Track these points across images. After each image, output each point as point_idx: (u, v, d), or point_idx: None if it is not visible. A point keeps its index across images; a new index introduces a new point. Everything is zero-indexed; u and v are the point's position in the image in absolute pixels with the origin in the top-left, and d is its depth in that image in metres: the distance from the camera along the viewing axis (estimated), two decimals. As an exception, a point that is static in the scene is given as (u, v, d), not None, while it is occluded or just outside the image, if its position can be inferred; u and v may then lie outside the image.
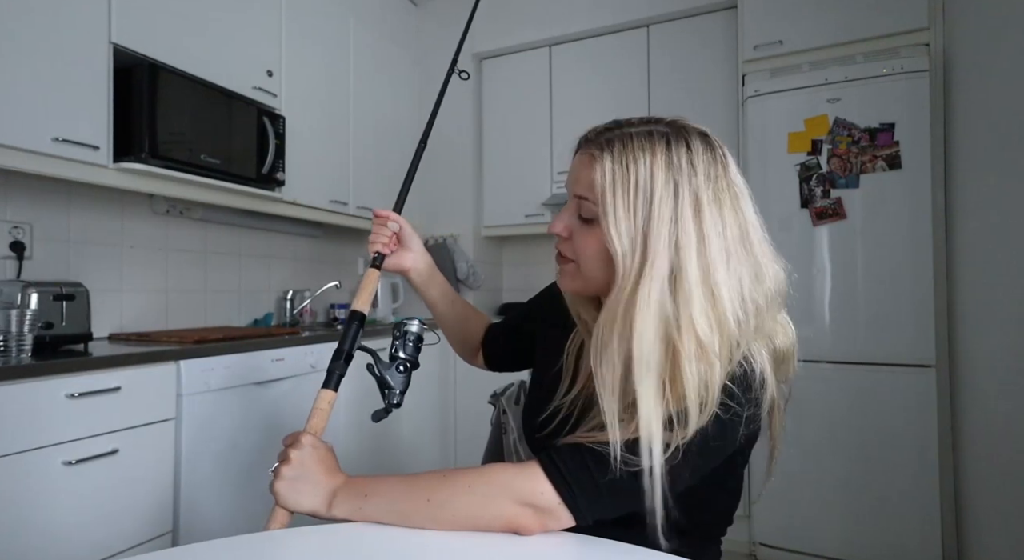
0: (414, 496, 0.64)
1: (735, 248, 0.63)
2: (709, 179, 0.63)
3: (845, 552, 1.98)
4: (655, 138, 0.64)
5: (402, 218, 0.97)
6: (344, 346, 0.82)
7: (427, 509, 0.63)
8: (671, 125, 0.67)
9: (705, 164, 0.64)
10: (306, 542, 0.63)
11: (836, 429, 2.02)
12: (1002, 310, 1.57)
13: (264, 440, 1.74)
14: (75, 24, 1.49)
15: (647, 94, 2.69)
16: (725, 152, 0.67)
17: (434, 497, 0.63)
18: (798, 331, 0.74)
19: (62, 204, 1.76)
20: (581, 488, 0.61)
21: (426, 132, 1.08)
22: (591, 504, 0.61)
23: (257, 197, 2.07)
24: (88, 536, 1.29)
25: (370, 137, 2.69)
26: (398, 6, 2.97)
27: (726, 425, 0.62)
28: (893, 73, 2.01)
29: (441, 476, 0.65)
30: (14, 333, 1.30)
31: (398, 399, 0.84)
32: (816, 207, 2.09)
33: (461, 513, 0.62)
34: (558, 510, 0.61)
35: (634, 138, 0.65)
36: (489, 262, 3.17)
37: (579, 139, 0.73)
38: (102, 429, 1.32)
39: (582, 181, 0.68)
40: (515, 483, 0.62)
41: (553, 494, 0.61)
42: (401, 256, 0.96)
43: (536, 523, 0.61)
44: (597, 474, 0.60)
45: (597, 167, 0.65)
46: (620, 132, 0.67)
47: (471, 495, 0.62)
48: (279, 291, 2.58)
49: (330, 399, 0.79)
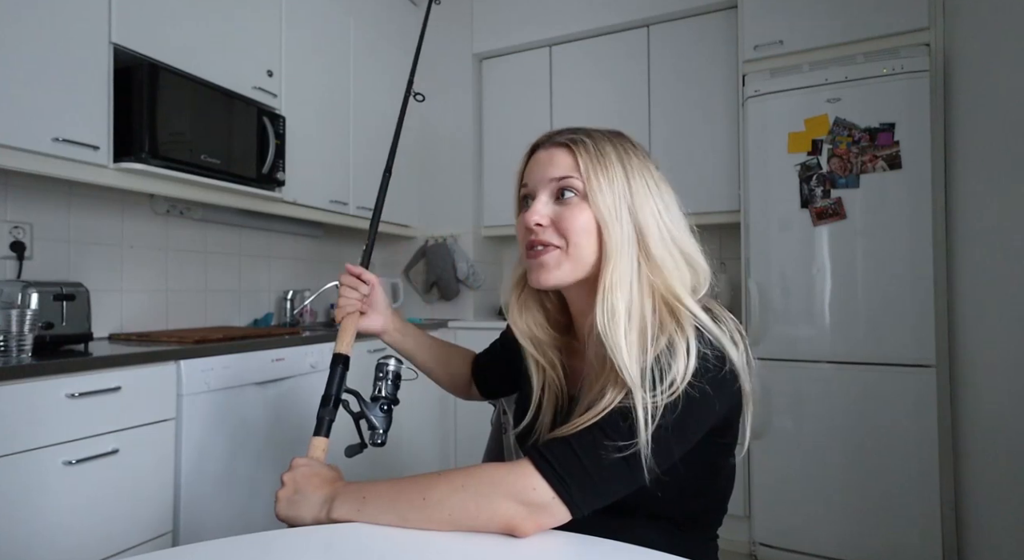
0: (410, 496, 0.65)
1: (681, 220, 0.75)
2: (657, 171, 0.76)
3: (845, 552, 1.98)
4: (606, 135, 0.76)
5: (374, 277, 0.99)
6: (331, 391, 0.85)
7: (423, 508, 0.63)
8: (606, 130, 0.78)
9: (645, 157, 0.77)
10: (306, 542, 0.63)
11: (836, 429, 2.02)
12: (1002, 310, 1.57)
13: (264, 440, 1.74)
14: (75, 24, 1.49)
15: (647, 94, 2.69)
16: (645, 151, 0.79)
17: (429, 496, 0.64)
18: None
19: (62, 204, 1.76)
20: (573, 478, 0.61)
21: (389, 161, 1.12)
22: (584, 493, 0.62)
23: (257, 197, 2.07)
24: (88, 536, 1.29)
25: (370, 137, 2.69)
26: (398, 6, 2.97)
27: (703, 391, 0.64)
28: (893, 73, 2.01)
29: (436, 476, 0.66)
30: (14, 333, 1.30)
31: (382, 438, 0.87)
32: (816, 207, 2.09)
33: (457, 512, 0.62)
34: (553, 505, 0.61)
35: (593, 134, 0.76)
36: (489, 262, 3.17)
37: (533, 144, 0.82)
38: (102, 429, 1.32)
39: (562, 165, 0.75)
40: (507, 480, 0.63)
41: (547, 489, 0.61)
42: (371, 319, 0.99)
43: (531, 522, 0.61)
44: (587, 462, 0.62)
45: (576, 151, 0.74)
46: (582, 132, 0.77)
47: (465, 493, 0.63)
48: (279, 291, 2.59)
49: (323, 446, 0.82)
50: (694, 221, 0.78)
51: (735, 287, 2.54)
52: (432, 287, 3.00)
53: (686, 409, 0.63)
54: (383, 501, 0.66)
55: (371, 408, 0.87)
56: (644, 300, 0.69)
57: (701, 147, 2.55)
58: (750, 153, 2.23)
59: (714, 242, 2.73)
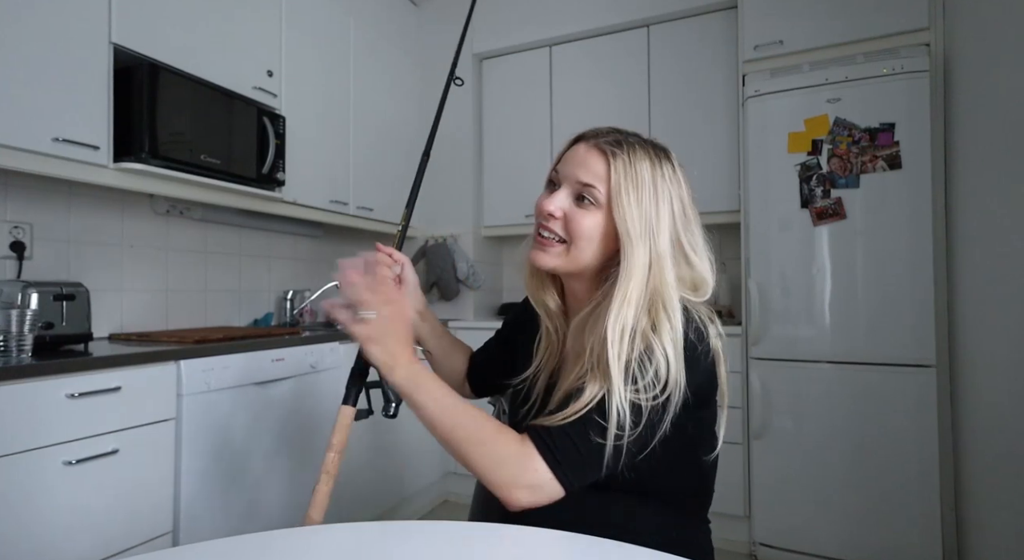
0: (446, 416, 0.74)
1: (702, 239, 0.82)
2: (688, 192, 0.81)
3: (845, 552, 1.98)
4: (649, 150, 0.79)
5: (406, 257, 1.02)
6: (359, 365, 0.89)
7: (449, 433, 0.73)
8: (654, 143, 0.81)
9: (682, 179, 0.80)
10: (306, 542, 0.63)
11: (836, 429, 2.02)
12: (1002, 310, 1.57)
13: (264, 440, 1.74)
14: (75, 24, 1.49)
15: (647, 94, 2.69)
16: (684, 172, 0.83)
17: (457, 431, 0.73)
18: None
19: (62, 204, 1.76)
20: (568, 462, 0.70)
21: (429, 142, 1.14)
22: (576, 472, 0.71)
23: (257, 197, 2.07)
24: (88, 536, 1.29)
25: (370, 137, 2.69)
26: (398, 6, 2.97)
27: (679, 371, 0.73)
28: (893, 73, 2.01)
29: (474, 415, 0.75)
30: (14, 333, 1.30)
31: (395, 411, 0.92)
32: (816, 207, 2.09)
33: (470, 459, 0.72)
34: (550, 485, 0.70)
35: (636, 148, 0.78)
36: (489, 262, 3.17)
37: (577, 135, 0.83)
38: (102, 429, 1.32)
39: (592, 170, 0.78)
40: (514, 458, 0.71)
41: (546, 469, 0.70)
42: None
43: (527, 499, 0.70)
44: (580, 444, 0.71)
45: (611, 163, 0.76)
46: (622, 138, 0.79)
47: (481, 448, 0.72)
48: (279, 291, 2.59)
49: (349, 414, 0.87)
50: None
51: (735, 287, 2.54)
52: (432, 287, 3.00)
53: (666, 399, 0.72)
54: (429, 399, 0.75)
55: (388, 383, 0.89)
56: (646, 310, 0.74)
57: (701, 147, 2.55)
58: (750, 153, 2.23)
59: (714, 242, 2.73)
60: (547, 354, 0.91)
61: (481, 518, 1.00)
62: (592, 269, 0.81)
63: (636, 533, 0.69)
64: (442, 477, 2.78)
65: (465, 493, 2.73)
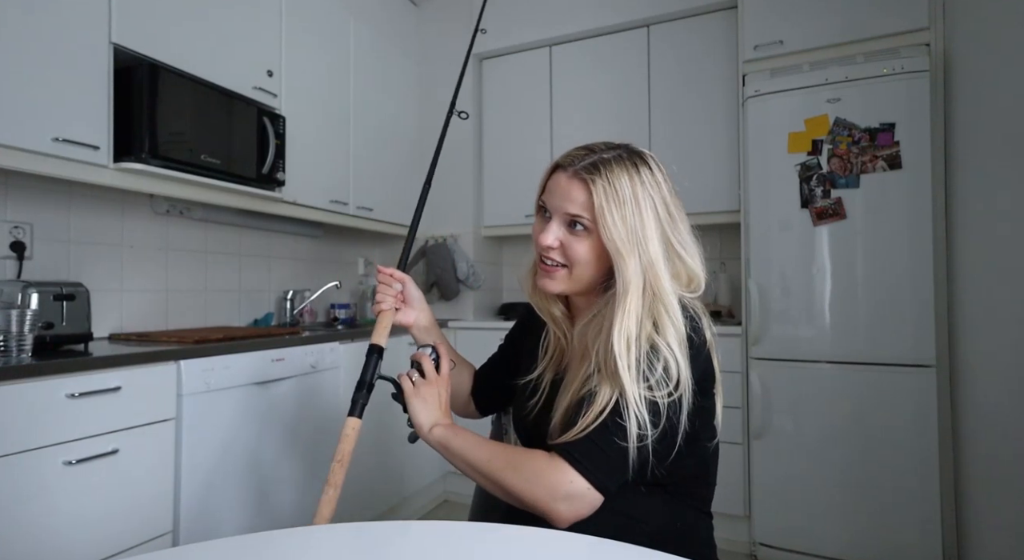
0: (481, 453, 0.82)
1: (688, 233, 0.85)
2: (669, 190, 0.84)
3: (845, 552, 1.98)
4: (625, 162, 0.82)
5: (407, 276, 1.06)
6: (366, 377, 0.94)
7: (486, 466, 0.80)
8: (628, 150, 0.85)
9: (662, 180, 0.84)
10: (306, 542, 0.63)
11: (836, 429, 2.02)
12: (1002, 310, 1.57)
13: (264, 440, 1.74)
14: (75, 24, 1.49)
15: (647, 94, 2.69)
16: (664, 170, 0.86)
17: (492, 463, 0.80)
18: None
19: (62, 204, 1.76)
20: (598, 467, 0.74)
21: (431, 172, 1.18)
22: (609, 475, 0.75)
23: (257, 197, 2.07)
24: (88, 536, 1.29)
25: (370, 137, 2.69)
26: (398, 6, 2.97)
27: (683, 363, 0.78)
28: (893, 73, 2.01)
29: (502, 448, 0.83)
30: (14, 333, 1.30)
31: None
32: (816, 207, 2.09)
33: (508, 485, 0.77)
34: (588, 493, 0.73)
35: (612, 164, 0.81)
36: (489, 262, 3.17)
37: (554, 163, 0.88)
38: (102, 429, 1.32)
39: (576, 201, 0.82)
40: (547, 473, 0.75)
41: (580, 479, 0.73)
42: (403, 314, 1.06)
43: (569, 511, 0.73)
44: (607, 448, 0.74)
45: (591, 190, 0.80)
46: (598, 158, 0.83)
47: (516, 473, 0.77)
48: (279, 291, 2.59)
49: (355, 426, 0.91)
50: (694, 222, 0.86)
51: (735, 287, 2.54)
52: (432, 287, 3.00)
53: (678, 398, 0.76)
54: (466, 445, 0.84)
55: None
56: (648, 314, 0.79)
57: (701, 147, 2.55)
58: (750, 153, 2.23)
59: (714, 242, 2.73)
60: (555, 352, 0.96)
61: (481, 518, 1.01)
62: (594, 283, 0.88)
63: (642, 523, 0.74)
64: (442, 477, 2.78)
65: (465, 493, 2.73)
